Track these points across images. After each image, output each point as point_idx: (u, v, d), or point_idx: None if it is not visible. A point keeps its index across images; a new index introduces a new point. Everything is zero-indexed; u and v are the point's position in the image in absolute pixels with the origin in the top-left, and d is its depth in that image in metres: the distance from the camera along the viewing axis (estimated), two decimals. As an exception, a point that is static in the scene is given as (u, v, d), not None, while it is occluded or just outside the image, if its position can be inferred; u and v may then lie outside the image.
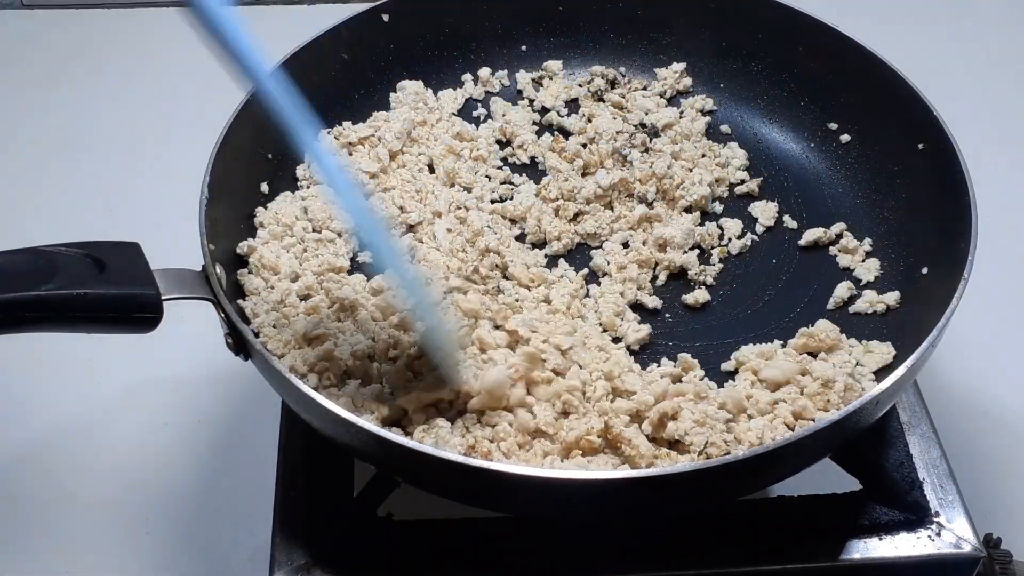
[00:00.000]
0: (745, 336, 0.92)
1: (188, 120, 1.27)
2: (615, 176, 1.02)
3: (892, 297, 0.94)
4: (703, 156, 1.06)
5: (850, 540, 0.85)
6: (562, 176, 1.03)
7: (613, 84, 1.14)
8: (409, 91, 1.10)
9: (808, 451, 0.79)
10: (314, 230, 0.98)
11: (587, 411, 0.83)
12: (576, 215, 1.01)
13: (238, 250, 0.93)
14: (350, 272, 0.96)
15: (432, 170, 1.05)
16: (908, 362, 0.79)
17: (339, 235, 0.98)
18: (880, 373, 0.87)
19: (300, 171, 1.04)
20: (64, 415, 1.09)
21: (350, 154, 1.06)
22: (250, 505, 0.99)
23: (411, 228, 1.00)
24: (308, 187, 1.02)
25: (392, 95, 1.11)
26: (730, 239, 1.00)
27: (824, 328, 0.90)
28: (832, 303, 0.95)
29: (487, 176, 1.05)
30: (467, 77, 1.15)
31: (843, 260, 0.99)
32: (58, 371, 1.12)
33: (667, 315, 0.95)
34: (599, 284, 0.96)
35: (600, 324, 0.92)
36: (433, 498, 0.82)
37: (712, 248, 0.99)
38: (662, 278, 0.97)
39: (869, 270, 0.97)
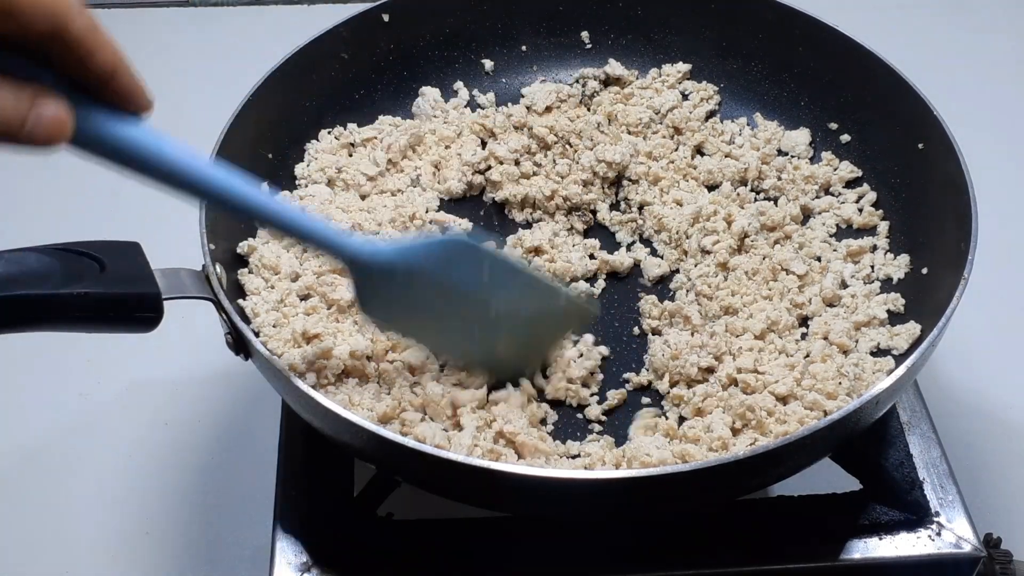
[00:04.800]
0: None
1: (188, 120, 1.26)
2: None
3: (892, 298, 0.94)
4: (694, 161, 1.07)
5: (850, 540, 0.85)
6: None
7: (607, 83, 1.14)
8: (428, 97, 1.10)
9: (808, 451, 0.79)
10: None
11: None
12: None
13: (238, 250, 0.93)
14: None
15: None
16: (908, 362, 0.79)
17: None
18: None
19: (299, 169, 1.04)
20: (64, 415, 1.09)
21: (350, 155, 1.06)
22: (250, 505, 0.99)
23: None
24: (306, 186, 1.02)
25: (414, 102, 1.11)
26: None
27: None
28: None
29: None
30: (486, 99, 1.14)
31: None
32: (58, 371, 1.11)
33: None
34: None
35: None
36: (433, 498, 0.82)
37: (715, 245, 0.99)
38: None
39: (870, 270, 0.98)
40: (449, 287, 0.82)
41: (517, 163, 1.05)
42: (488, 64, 1.15)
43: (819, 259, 0.98)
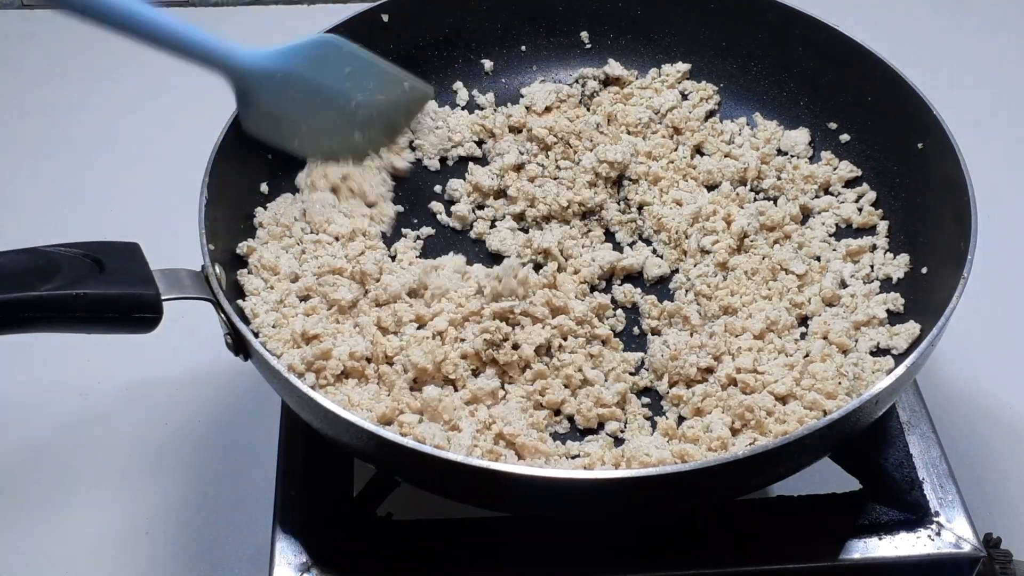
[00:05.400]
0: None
1: (188, 120, 1.27)
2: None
3: (892, 297, 0.94)
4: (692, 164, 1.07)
5: (850, 540, 0.85)
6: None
7: (606, 83, 1.14)
8: (427, 110, 1.10)
9: (808, 450, 0.79)
10: (312, 232, 0.98)
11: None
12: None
13: (237, 250, 0.93)
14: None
15: None
16: (908, 361, 0.79)
17: (336, 239, 0.98)
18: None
19: (299, 178, 1.03)
20: (64, 415, 1.09)
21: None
22: (250, 505, 0.99)
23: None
24: (309, 193, 1.02)
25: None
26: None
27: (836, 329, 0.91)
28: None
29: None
30: (486, 100, 1.14)
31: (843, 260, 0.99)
32: (58, 371, 1.12)
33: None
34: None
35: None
36: (433, 498, 0.82)
37: (715, 245, 0.99)
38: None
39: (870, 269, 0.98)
40: (317, 85, 0.95)
41: (521, 168, 1.06)
42: (488, 64, 1.15)
43: (819, 259, 0.98)
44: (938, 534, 0.85)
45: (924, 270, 0.94)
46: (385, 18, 1.09)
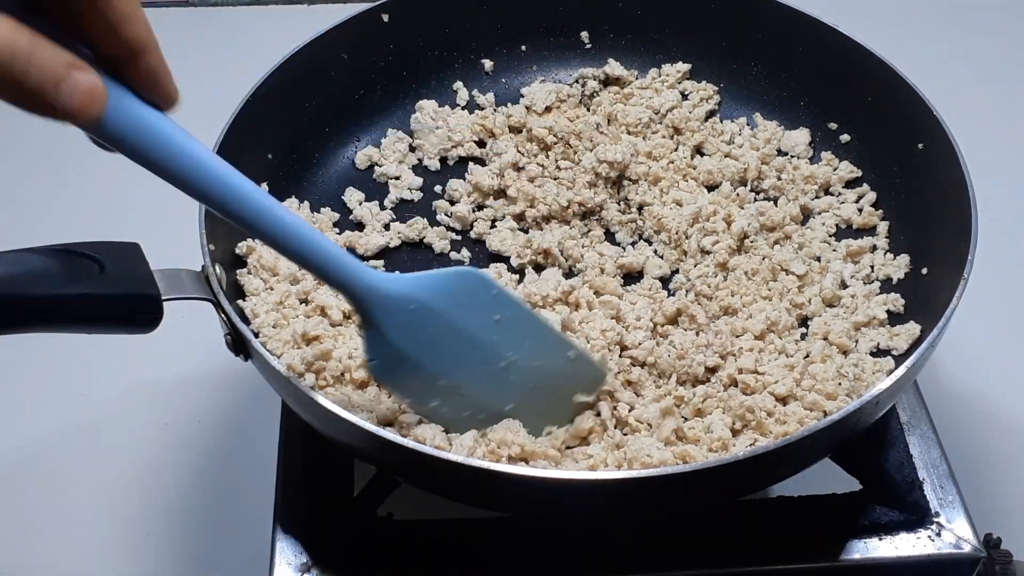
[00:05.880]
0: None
1: (188, 120, 1.26)
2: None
3: (892, 298, 0.94)
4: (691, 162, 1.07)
5: (850, 540, 0.85)
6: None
7: (606, 83, 1.14)
8: (427, 109, 1.10)
9: (808, 451, 0.79)
10: None
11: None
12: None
13: (237, 250, 0.93)
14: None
15: None
16: (908, 362, 0.79)
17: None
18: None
19: None
20: (64, 415, 1.09)
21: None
22: (250, 505, 0.99)
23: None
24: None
25: (412, 117, 1.11)
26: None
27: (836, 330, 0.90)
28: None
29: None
30: (486, 100, 1.14)
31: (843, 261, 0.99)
32: (58, 371, 1.11)
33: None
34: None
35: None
36: (433, 498, 0.82)
37: (715, 245, 0.99)
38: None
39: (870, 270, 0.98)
40: (459, 328, 0.78)
41: (521, 168, 1.06)
42: (488, 64, 1.15)
43: (819, 259, 0.98)
44: (938, 535, 0.85)
45: (924, 271, 0.94)
46: (385, 18, 1.09)
